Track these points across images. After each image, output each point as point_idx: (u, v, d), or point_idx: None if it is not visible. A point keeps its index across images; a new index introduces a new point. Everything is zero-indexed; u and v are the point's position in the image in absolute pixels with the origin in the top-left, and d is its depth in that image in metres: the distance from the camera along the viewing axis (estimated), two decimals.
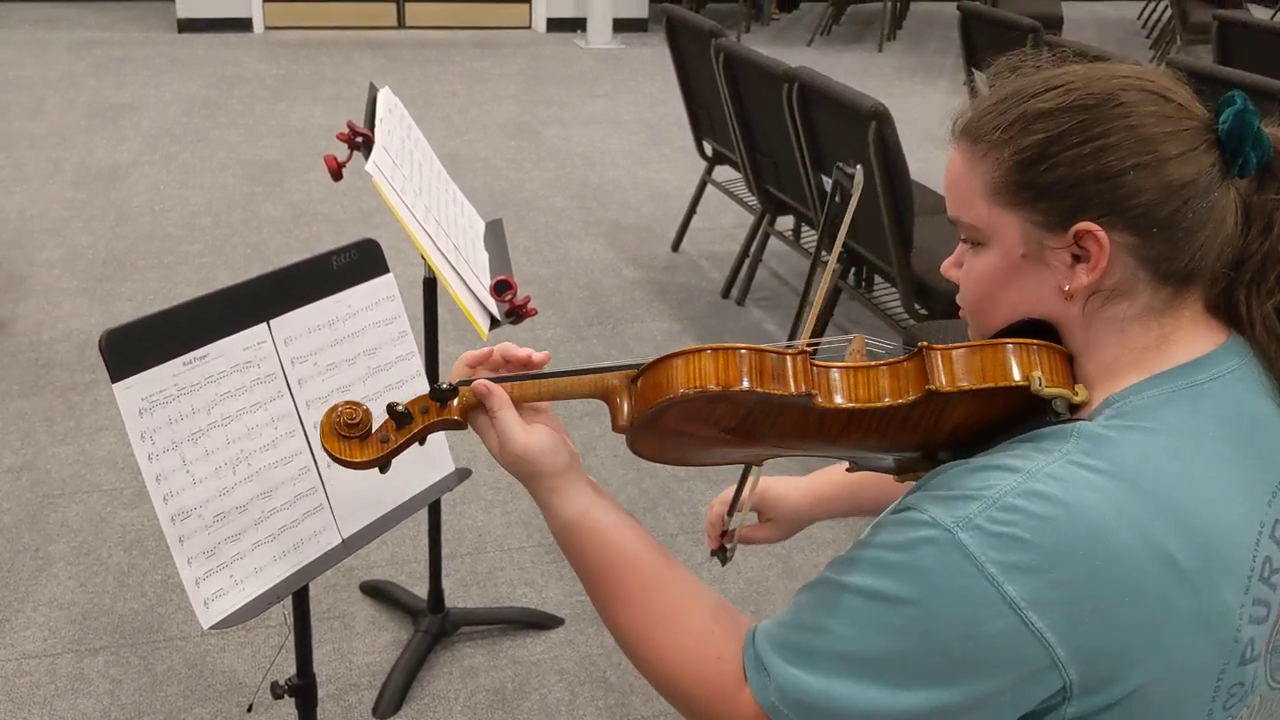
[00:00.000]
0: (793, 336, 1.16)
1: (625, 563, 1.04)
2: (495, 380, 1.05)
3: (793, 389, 0.95)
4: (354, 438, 1.07)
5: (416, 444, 1.08)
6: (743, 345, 0.97)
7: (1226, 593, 0.89)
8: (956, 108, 1.03)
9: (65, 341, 3.80)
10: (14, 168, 5.47)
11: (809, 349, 0.99)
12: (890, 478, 1.10)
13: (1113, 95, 0.93)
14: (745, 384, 0.95)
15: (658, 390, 0.98)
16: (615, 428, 1.03)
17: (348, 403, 1.07)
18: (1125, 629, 0.86)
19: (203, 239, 4.72)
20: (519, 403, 1.05)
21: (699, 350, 0.97)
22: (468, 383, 1.06)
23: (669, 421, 1.01)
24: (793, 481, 1.44)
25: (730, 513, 1.40)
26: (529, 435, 1.04)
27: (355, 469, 1.08)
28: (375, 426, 1.08)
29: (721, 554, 1.42)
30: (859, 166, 1.13)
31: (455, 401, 1.06)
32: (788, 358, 0.97)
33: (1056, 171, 0.93)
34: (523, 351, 1.10)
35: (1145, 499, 0.87)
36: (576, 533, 1.05)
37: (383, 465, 1.08)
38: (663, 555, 1.05)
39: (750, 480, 1.36)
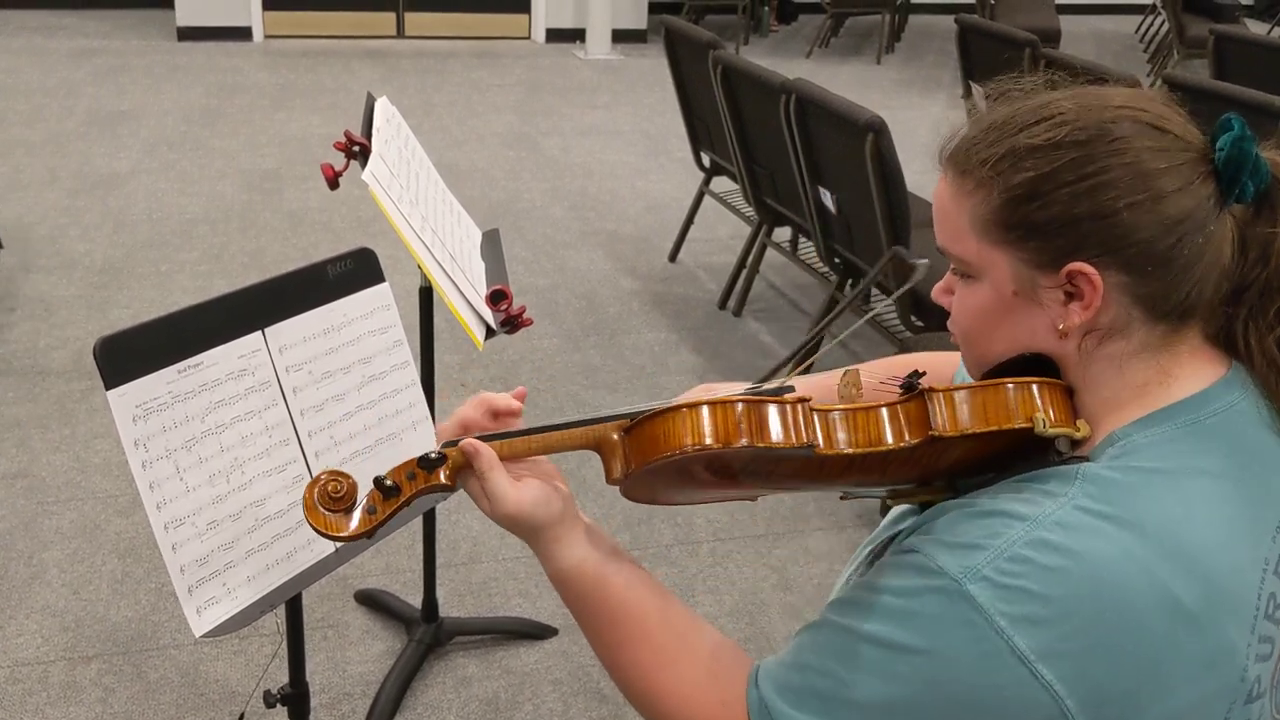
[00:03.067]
0: (793, 364, 1.13)
1: (624, 609, 1.03)
2: (483, 438, 1.03)
3: (793, 440, 0.93)
4: (339, 511, 1.02)
5: (405, 508, 1.05)
6: (739, 397, 0.94)
7: (1232, 632, 0.89)
8: (952, 125, 1.01)
9: (61, 349, 3.80)
10: (11, 175, 5.47)
11: (807, 395, 0.96)
12: None
13: (1106, 130, 0.91)
14: (744, 440, 0.93)
15: (654, 446, 0.96)
16: (609, 481, 1.02)
17: (330, 474, 1.03)
18: (1133, 674, 0.86)
19: (200, 247, 4.72)
20: (508, 460, 1.03)
21: (695, 405, 0.94)
22: (454, 444, 1.03)
23: (664, 474, 0.99)
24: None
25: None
26: (519, 493, 1.02)
27: (341, 542, 1.04)
28: (361, 496, 1.03)
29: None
30: (926, 261, 1.08)
31: (443, 469, 1.03)
32: (786, 407, 0.94)
33: (1049, 210, 0.91)
34: (500, 400, 1.08)
35: (1150, 543, 0.87)
36: (574, 582, 1.04)
37: (369, 535, 1.04)
38: (662, 598, 1.04)
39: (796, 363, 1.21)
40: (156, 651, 2.50)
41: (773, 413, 0.94)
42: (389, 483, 1.02)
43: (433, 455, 1.03)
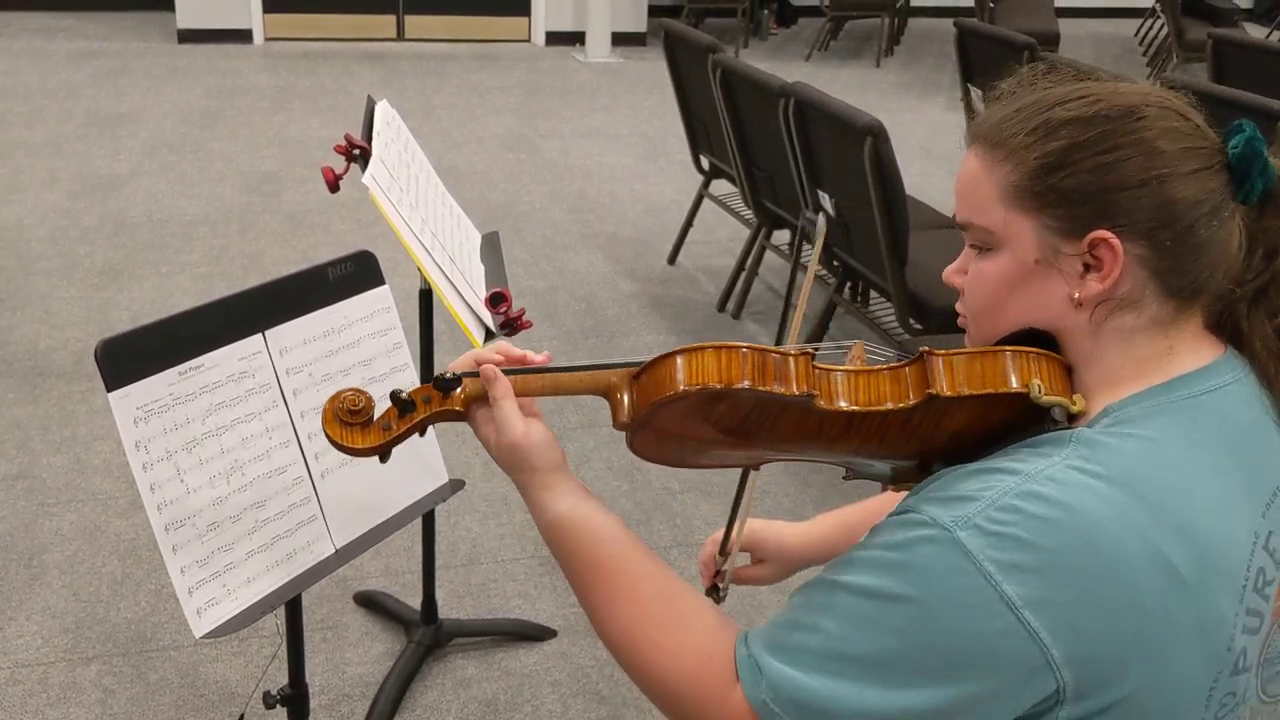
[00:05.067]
0: (778, 343, 1.16)
1: (616, 560, 1.04)
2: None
3: (794, 389, 0.96)
4: (356, 424, 1.07)
5: (417, 434, 1.09)
6: (745, 344, 0.97)
7: (1222, 601, 0.91)
8: (954, 123, 1.04)
9: (62, 350, 3.81)
10: (11, 177, 5.47)
11: (811, 351, 0.99)
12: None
13: (1135, 109, 0.95)
14: (746, 382, 0.96)
15: (659, 387, 0.99)
16: (616, 424, 1.05)
17: (352, 389, 1.08)
18: (1122, 633, 0.87)
19: (200, 249, 4.73)
20: (519, 395, 1.07)
21: (700, 348, 0.98)
22: (471, 374, 1.07)
23: (669, 419, 1.01)
24: (787, 524, 1.44)
25: (721, 552, 1.38)
26: (527, 426, 1.06)
27: (355, 455, 1.08)
28: (377, 414, 1.08)
29: (714, 593, 1.41)
30: (821, 215, 1.13)
31: (458, 392, 1.07)
32: (790, 358, 0.97)
33: (1077, 178, 0.94)
34: (519, 352, 1.11)
35: (1145, 505, 0.89)
36: (566, 529, 1.06)
37: (383, 454, 1.09)
38: (652, 556, 1.06)
39: (738, 525, 1.34)
40: (156, 652, 2.50)
41: (775, 359, 0.97)
42: (405, 397, 1.06)
43: (448, 376, 1.07)
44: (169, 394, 1.46)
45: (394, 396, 1.07)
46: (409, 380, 1.76)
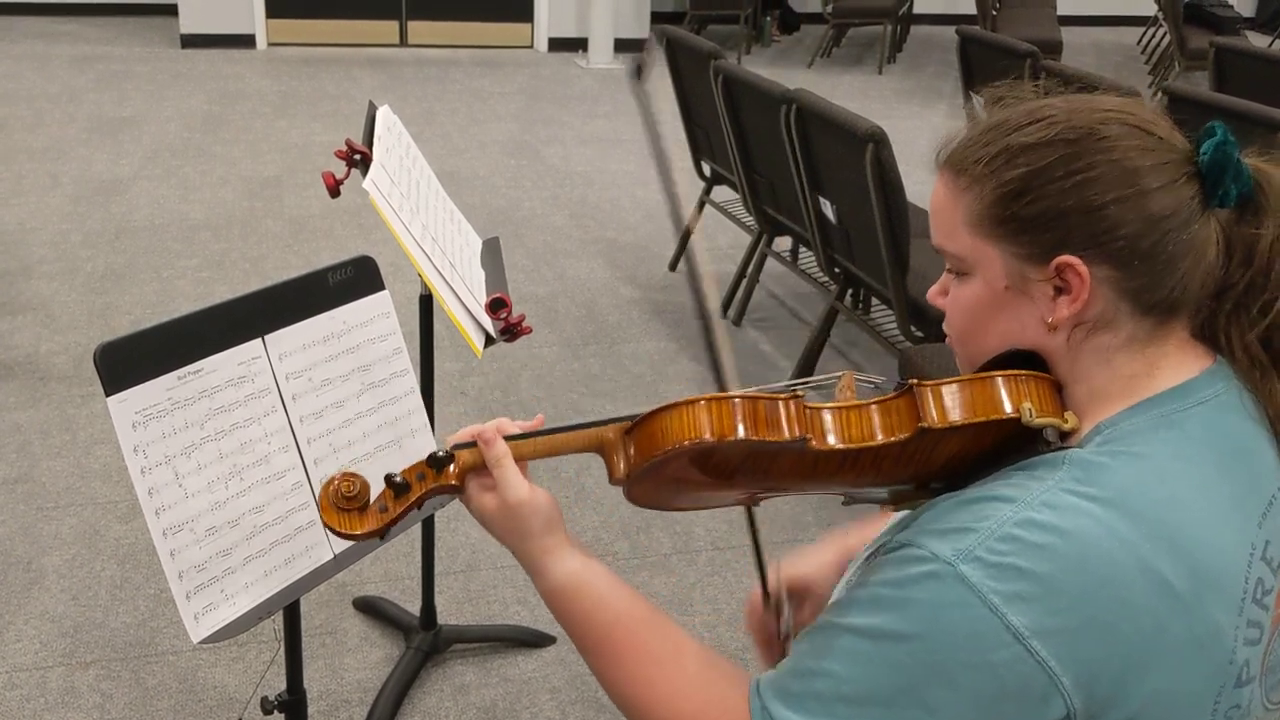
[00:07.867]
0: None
1: (622, 621, 1.04)
2: None
3: (786, 435, 0.96)
4: (353, 509, 1.07)
5: (415, 509, 1.09)
6: (735, 393, 0.98)
7: (1219, 614, 0.90)
8: (948, 132, 1.04)
9: (63, 354, 3.81)
10: (13, 181, 5.48)
11: (800, 391, 0.99)
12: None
13: (1095, 129, 0.94)
14: (740, 433, 0.96)
15: (653, 443, 0.99)
16: (612, 481, 1.05)
17: (344, 475, 1.07)
18: (1123, 652, 0.87)
19: (201, 253, 4.73)
20: (515, 460, 1.07)
21: (692, 402, 0.98)
22: (462, 446, 1.07)
23: (665, 472, 1.02)
24: (812, 554, 1.35)
25: (768, 607, 1.29)
26: (531, 488, 1.05)
27: (355, 540, 1.08)
28: (373, 496, 1.07)
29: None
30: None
31: (452, 466, 1.07)
32: (779, 403, 0.97)
33: (1039, 205, 0.94)
34: (515, 426, 1.10)
35: (1137, 523, 0.88)
36: (572, 593, 1.06)
37: (382, 535, 1.08)
38: (654, 611, 1.06)
39: (772, 572, 1.28)
40: (155, 657, 2.50)
41: (766, 406, 0.97)
42: (399, 479, 1.06)
43: (440, 454, 1.07)
44: (168, 398, 1.46)
45: (388, 480, 1.06)
46: (409, 385, 1.76)
